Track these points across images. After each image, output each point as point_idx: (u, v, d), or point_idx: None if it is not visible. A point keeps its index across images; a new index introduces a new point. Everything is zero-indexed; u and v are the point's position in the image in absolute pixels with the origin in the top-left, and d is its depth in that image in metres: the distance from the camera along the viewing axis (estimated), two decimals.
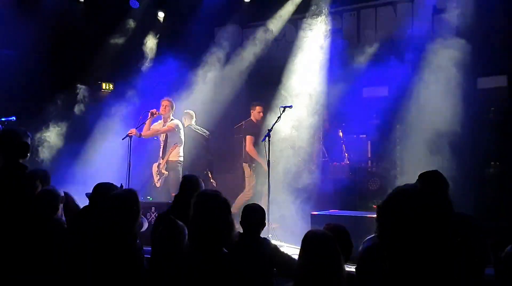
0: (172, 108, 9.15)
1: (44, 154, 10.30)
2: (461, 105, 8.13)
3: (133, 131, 8.70)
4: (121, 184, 5.12)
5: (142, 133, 8.94)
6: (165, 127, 9.03)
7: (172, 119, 9.13)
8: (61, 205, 4.62)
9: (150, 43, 12.16)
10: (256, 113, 9.40)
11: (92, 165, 10.50)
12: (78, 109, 11.08)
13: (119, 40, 11.73)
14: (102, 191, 4.24)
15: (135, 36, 11.99)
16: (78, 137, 11.03)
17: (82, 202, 5.19)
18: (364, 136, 9.26)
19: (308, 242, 3.20)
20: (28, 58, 10.54)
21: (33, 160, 9.60)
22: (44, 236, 4.14)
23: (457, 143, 7.85)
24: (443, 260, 1.85)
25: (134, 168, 8.65)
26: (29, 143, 4.82)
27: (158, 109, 9.10)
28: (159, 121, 9.23)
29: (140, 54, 12.05)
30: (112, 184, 4.46)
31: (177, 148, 8.93)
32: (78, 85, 11.24)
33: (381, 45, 10.28)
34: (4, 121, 9.03)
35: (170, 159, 8.94)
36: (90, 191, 4.54)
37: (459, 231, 2.84)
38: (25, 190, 4.54)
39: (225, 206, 3.42)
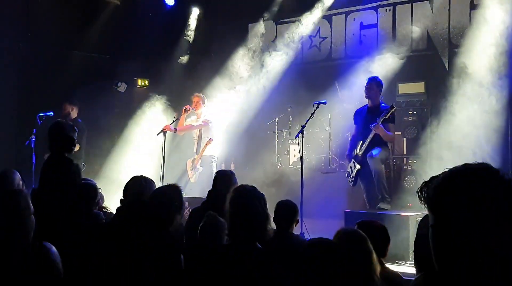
0: (203, 103, 9.16)
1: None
2: (500, 100, 7.99)
3: (167, 126, 8.76)
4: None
5: (177, 129, 9.01)
6: (199, 123, 9.08)
7: (205, 115, 9.16)
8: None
9: (188, 37, 12.28)
10: None
11: (126, 160, 10.65)
12: (113, 104, 11.23)
13: (154, 37, 11.84)
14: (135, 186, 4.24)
15: (171, 33, 12.09)
16: (114, 132, 11.20)
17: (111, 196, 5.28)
18: (400, 133, 9.12)
19: (338, 240, 3.18)
20: (66, 54, 10.73)
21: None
22: (85, 228, 4.20)
23: (498, 139, 7.70)
24: None
25: (168, 164, 8.72)
26: (75, 137, 4.94)
27: (191, 104, 9.16)
28: (193, 117, 9.28)
29: (175, 51, 12.15)
30: (143, 178, 4.41)
31: (211, 143, 8.97)
32: (118, 82, 11.40)
33: (417, 40, 10.14)
34: (43, 116, 9.21)
35: (204, 154, 8.98)
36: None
37: None
38: (69, 183, 4.63)
39: (263, 200, 3.43)
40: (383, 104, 7.52)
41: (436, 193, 1.49)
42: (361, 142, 7.53)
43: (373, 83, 7.54)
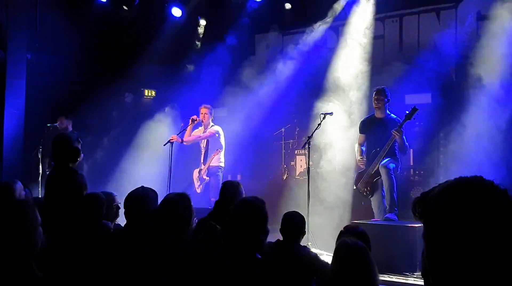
0: (211, 114, 9.21)
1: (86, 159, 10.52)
2: (508, 112, 7.96)
3: (174, 137, 8.78)
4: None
5: (184, 139, 9.02)
6: (206, 133, 9.09)
7: (212, 125, 9.18)
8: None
9: (195, 48, 12.33)
10: None
11: (133, 171, 10.66)
12: (120, 115, 11.26)
13: (161, 47, 11.89)
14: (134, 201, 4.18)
15: (178, 44, 12.13)
16: (120, 143, 11.21)
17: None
18: (406, 143, 9.11)
19: (340, 253, 3.17)
20: (72, 64, 10.78)
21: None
22: (92, 239, 4.19)
23: (505, 152, 7.66)
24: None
25: (175, 174, 8.72)
26: (80, 148, 4.95)
27: (198, 115, 9.18)
28: (200, 128, 9.30)
29: (182, 61, 12.20)
30: (143, 190, 4.30)
31: (218, 153, 8.98)
32: (126, 93, 11.44)
33: (424, 51, 10.13)
34: (50, 126, 9.26)
35: (211, 164, 8.99)
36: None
37: None
38: (75, 193, 4.63)
39: (260, 213, 3.39)
40: (392, 115, 7.52)
41: (430, 207, 1.51)
42: (374, 151, 7.50)
43: (382, 93, 7.55)
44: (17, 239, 2.64)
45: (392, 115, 7.54)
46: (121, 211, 4.81)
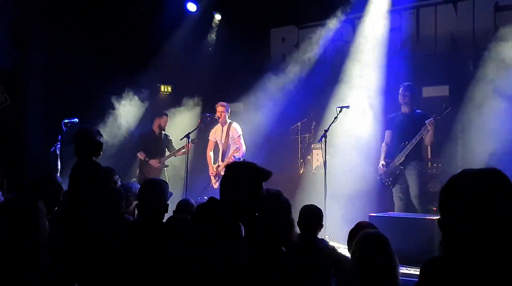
0: (227, 111, 9.26)
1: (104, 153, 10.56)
2: None
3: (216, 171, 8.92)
4: None
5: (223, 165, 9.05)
6: (234, 140, 9.11)
7: (230, 122, 9.21)
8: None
9: (210, 42, 12.34)
10: None
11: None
12: (137, 110, 11.31)
13: (176, 42, 11.91)
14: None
15: (193, 38, 12.15)
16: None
17: None
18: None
19: (363, 242, 3.17)
20: (89, 61, 10.84)
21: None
22: (114, 232, 4.24)
23: None
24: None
25: (193, 169, 8.76)
26: (102, 142, 5.03)
27: (215, 112, 9.25)
28: (217, 125, 9.34)
29: (198, 56, 12.21)
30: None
31: (237, 152, 9.02)
32: (142, 89, 11.47)
33: (441, 43, 10.05)
34: (67, 122, 9.31)
35: (229, 161, 9.01)
36: None
37: None
38: (98, 187, 4.69)
39: (286, 206, 3.42)
40: (418, 110, 7.74)
41: (441, 196, 1.88)
42: (402, 144, 7.72)
43: (409, 89, 7.84)
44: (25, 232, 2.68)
45: (418, 110, 7.79)
46: None
